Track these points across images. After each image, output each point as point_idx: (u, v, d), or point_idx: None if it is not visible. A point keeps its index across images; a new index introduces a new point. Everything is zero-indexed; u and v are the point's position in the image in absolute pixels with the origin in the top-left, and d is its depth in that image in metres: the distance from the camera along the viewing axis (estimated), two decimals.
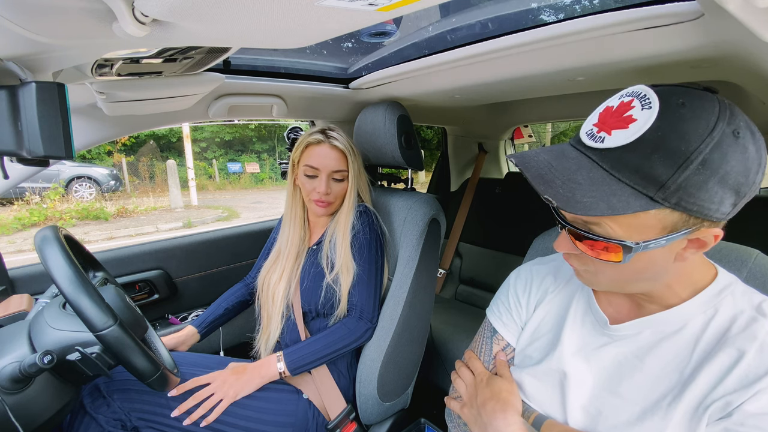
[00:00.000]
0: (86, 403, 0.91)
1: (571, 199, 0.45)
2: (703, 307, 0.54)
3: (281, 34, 0.57)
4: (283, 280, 1.15)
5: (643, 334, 0.57)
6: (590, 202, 0.45)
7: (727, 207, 0.45)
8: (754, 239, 0.69)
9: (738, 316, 0.52)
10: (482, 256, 2.18)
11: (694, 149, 0.42)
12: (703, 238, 0.48)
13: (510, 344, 0.73)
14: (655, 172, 0.43)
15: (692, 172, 0.42)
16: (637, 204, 0.44)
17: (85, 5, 0.46)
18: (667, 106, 0.43)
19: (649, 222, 0.46)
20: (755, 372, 0.47)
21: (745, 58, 0.72)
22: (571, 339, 0.64)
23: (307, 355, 1.03)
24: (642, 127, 0.44)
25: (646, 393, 0.54)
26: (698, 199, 0.43)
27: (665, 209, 0.45)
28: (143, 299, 1.45)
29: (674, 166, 0.42)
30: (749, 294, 0.54)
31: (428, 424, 1.05)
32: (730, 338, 0.50)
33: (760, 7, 0.46)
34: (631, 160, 0.44)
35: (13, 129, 0.54)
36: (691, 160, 0.42)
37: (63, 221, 7.16)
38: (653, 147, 0.43)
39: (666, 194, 0.43)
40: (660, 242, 0.47)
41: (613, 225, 0.47)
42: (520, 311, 0.73)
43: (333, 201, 1.14)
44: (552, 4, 1.00)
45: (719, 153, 0.42)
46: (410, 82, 1.28)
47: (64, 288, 0.67)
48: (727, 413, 0.48)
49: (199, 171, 11.62)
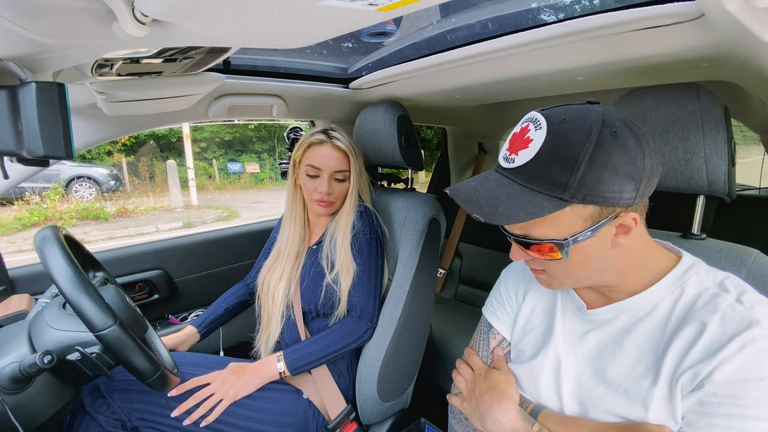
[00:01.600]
0: (86, 403, 0.91)
1: (495, 213, 0.53)
2: (671, 288, 0.58)
3: (281, 34, 0.57)
4: (283, 280, 1.15)
5: (619, 319, 0.62)
6: (510, 212, 0.52)
7: (629, 192, 0.51)
8: (754, 239, 0.69)
9: (702, 293, 0.56)
10: (482, 256, 2.18)
11: (578, 153, 0.50)
12: (624, 223, 0.54)
13: (506, 338, 0.78)
14: (556, 177, 0.51)
15: (584, 171, 0.50)
16: (551, 206, 0.51)
17: (85, 5, 0.46)
18: (552, 124, 0.52)
19: (570, 219, 0.53)
20: (717, 342, 0.51)
21: (745, 58, 0.72)
22: (563, 329, 0.68)
23: (307, 355, 1.03)
24: (537, 145, 0.52)
25: (627, 375, 0.58)
26: (599, 191, 0.50)
27: (577, 205, 0.52)
28: (143, 299, 1.45)
29: (568, 169, 0.50)
30: (713, 272, 0.59)
31: (428, 424, 1.05)
32: (695, 312, 0.55)
33: (760, 7, 0.46)
34: (536, 171, 0.52)
35: (13, 129, 0.54)
36: (579, 162, 0.49)
37: (63, 221, 7.15)
38: (549, 158, 0.51)
39: (571, 192, 0.51)
40: (587, 234, 0.54)
41: (543, 229, 0.55)
42: (512, 303, 0.78)
43: (335, 201, 1.14)
44: (552, 4, 1.00)
45: (602, 151, 0.49)
46: (410, 82, 1.28)
47: (64, 288, 0.67)
48: (698, 384, 0.51)
49: (199, 171, 11.61)
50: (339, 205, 1.17)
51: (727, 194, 0.70)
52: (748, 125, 1.43)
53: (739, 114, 1.34)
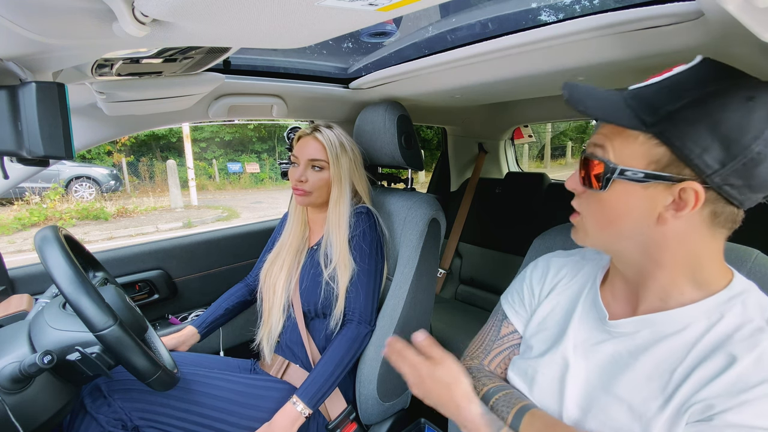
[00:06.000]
0: (87, 403, 0.91)
1: (580, 100, 0.51)
2: (709, 312, 0.52)
3: (281, 34, 0.57)
4: (284, 272, 1.16)
5: (641, 333, 0.57)
6: (592, 105, 0.50)
7: (712, 161, 0.45)
8: (754, 239, 0.69)
9: (744, 325, 0.49)
10: (482, 256, 2.18)
11: (692, 87, 0.46)
12: (684, 197, 0.48)
13: (517, 330, 0.76)
14: (656, 100, 0.48)
15: (685, 105, 0.45)
16: (627, 120, 0.48)
17: (85, 5, 0.46)
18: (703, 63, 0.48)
19: (636, 150, 0.50)
20: (746, 381, 0.45)
21: (745, 58, 0.72)
22: (576, 333, 0.65)
23: (322, 385, 1.01)
24: (671, 74, 0.49)
25: (636, 392, 0.54)
26: (683, 134, 0.45)
27: (652, 138, 0.48)
28: (143, 299, 1.45)
29: (672, 97, 0.46)
30: (764, 304, 0.51)
31: (428, 424, 1.05)
32: (730, 344, 0.49)
33: (760, 7, 0.46)
34: (646, 93, 0.49)
35: (13, 129, 0.54)
36: (686, 95, 0.46)
37: (63, 221, 7.15)
38: (666, 84, 0.48)
39: (655, 119, 0.47)
40: (638, 174, 0.49)
41: (611, 149, 0.52)
42: (532, 300, 0.75)
43: (310, 191, 1.14)
44: (552, 4, 1.00)
45: (719, 101, 0.44)
46: (410, 82, 1.28)
47: (64, 288, 0.67)
48: (707, 416, 0.46)
49: (199, 171, 11.60)
50: (319, 197, 1.16)
51: None
52: None
53: None
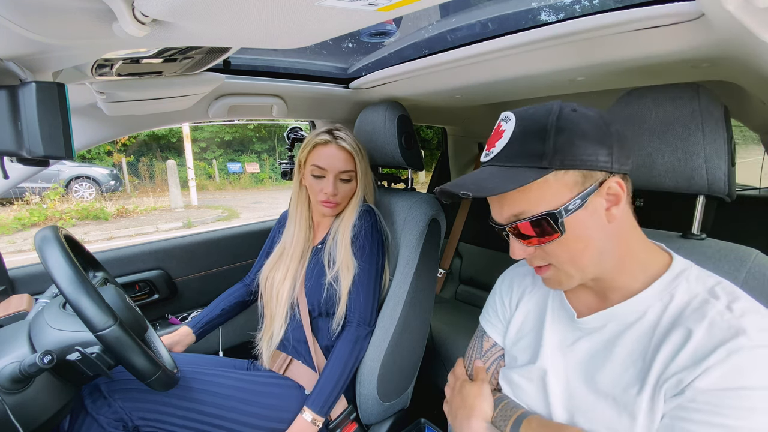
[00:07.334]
0: (87, 403, 0.91)
1: (481, 187, 0.56)
2: (660, 294, 0.58)
3: (281, 34, 0.57)
4: (288, 279, 1.15)
5: (608, 326, 0.62)
6: (495, 185, 0.55)
7: (604, 156, 0.54)
8: (754, 239, 0.69)
9: (692, 300, 0.56)
10: (482, 256, 2.18)
11: (545, 124, 0.55)
12: (611, 191, 0.56)
13: (497, 343, 0.80)
14: (532, 148, 0.55)
15: (555, 137, 0.54)
16: (533, 174, 0.54)
17: (85, 5, 0.46)
18: (519, 113, 0.58)
19: (556, 188, 0.55)
20: (703, 349, 0.50)
21: (745, 58, 0.72)
22: (552, 336, 0.68)
23: (330, 392, 1.01)
24: (510, 132, 0.58)
25: (616, 382, 0.58)
26: (575, 155, 0.54)
27: (558, 171, 0.55)
28: (143, 299, 1.45)
29: (540, 139, 0.55)
30: (704, 277, 0.58)
31: (428, 424, 1.05)
32: (683, 319, 0.54)
33: (760, 7, 0.46)
34: (514, 150, 0.57)
35: (13, 129, 0.54)
36: (548, 131, 0.54)
37: (63, 221, 7.15)
38: (522, 136, 0.57)
39: (549, 159, 0.54)
40: (576, 202, 0.55)
41: (532, 205, 0.57)
42: (505, 311, 0.79)
43: (340, 202, 1.14)
44: (552, 4, 1.00)
45: (566, 120, 0.54)
46: (410, 82, 1.28)
47: (64, 288, 0.67)
48: (680, 390, 0.51)
49: (199, 171, 11.60)
50: (345, 205, 1.17)
51: (727, 194, 0.70)
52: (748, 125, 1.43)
53: (739, 114, 1.34)
